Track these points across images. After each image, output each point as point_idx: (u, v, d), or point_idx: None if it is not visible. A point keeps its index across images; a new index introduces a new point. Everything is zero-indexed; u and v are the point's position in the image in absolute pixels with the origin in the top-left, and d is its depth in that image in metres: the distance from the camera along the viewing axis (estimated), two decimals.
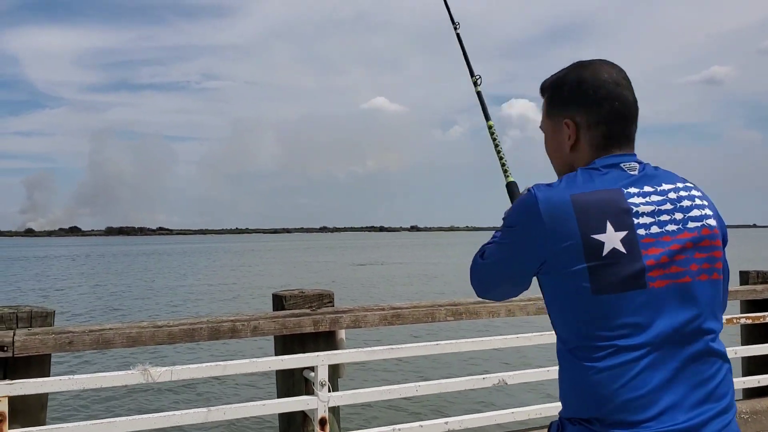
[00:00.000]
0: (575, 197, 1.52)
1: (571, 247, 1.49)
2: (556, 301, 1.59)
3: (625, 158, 1.62)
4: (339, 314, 4.21)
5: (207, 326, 3.86)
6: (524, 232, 1.59)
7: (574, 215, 1.50)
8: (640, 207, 1.53)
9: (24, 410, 3.54)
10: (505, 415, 4.44)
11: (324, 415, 3.91)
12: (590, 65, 1.68)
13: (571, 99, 1.68)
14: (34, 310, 3.73)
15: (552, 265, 1.54)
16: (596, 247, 1.48)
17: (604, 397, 1.46)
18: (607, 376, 1.46)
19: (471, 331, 11.12)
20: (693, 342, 1.50)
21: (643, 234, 1.50)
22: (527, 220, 1.57)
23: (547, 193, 1.56)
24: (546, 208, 1.53)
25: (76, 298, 27.06)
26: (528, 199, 1.58)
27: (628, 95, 1.65)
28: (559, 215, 1.51)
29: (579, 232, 1.49)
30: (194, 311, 21.62)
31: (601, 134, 1.64)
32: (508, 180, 2.39)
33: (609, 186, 1.55)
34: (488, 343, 4.53)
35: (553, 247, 1.52)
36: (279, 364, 4.03)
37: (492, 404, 7.89)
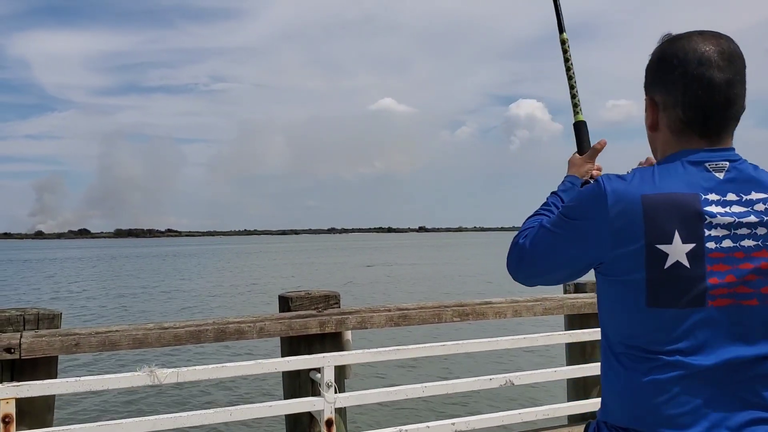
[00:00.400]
0: (646, 198, 1.40)
1: (633, 253, 1.40)
2: (609, 304, 1.51)
3: (712, 155, 1.45)
4: (345, 315, 4.21)
5: (213, 328, 3.87)
6: (587, 226, 1.47)
7: (642, 219, 1.39)
8: (717, 218, 1.39)
9: (31, 412, 3.55)
10: (513, 416, 4.43)
11: (330, 416, 3.91)
12: (680, 39, 1.48)
13: (651, 76, 1.54)
14: (41, 312, 3.75)
15: (610, 268, 1.46)
16: (659, 257, 1.38)
17: (646, 409, 1.40)
18: (653, 389, 1.40)
19: (478, 332, 11.10)
20: (750, 366, 1.40)
21: (713, 248, 1.38)
22: (593, 214, 1.45)
23: (617, 187, 1.43)
24: (614, 204, 1.41)
25: (83, 300, 27.16)
26: (596, 189, 1.46)
27: (718, 76, 1.42)
28: (626, 215, 1.40)
29: (644, 238, 1.39)
30: (201, 313, 21.66)
31: (678, 118, 1.47)
32: (577, 118, 2.07)
33: (686, 189, 1.41)
34: (495, 344, 4.51)
35: (614, 248, 1.42)
36: (285, 366, 4.03)
37: (499, 405, 7.87)
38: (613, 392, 1.49)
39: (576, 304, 4.85)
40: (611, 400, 1.50)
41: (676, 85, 1.46)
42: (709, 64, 1.42)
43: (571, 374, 4.84)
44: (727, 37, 1.47)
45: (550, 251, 1.56)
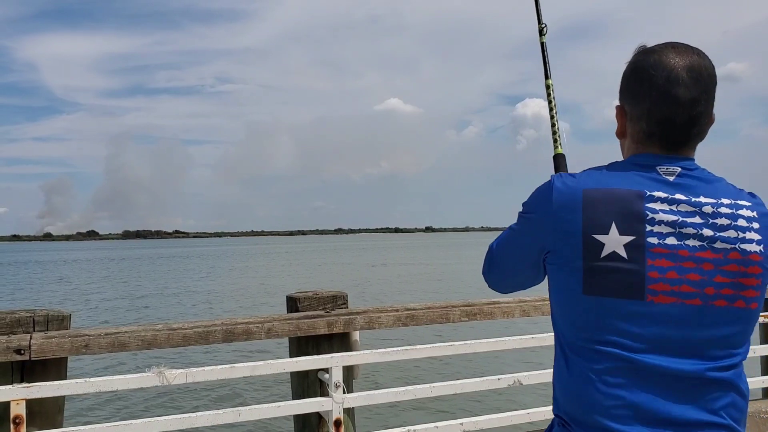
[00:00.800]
0: (587, 192, 1.46)
1: (572, 243, 1.45)
2: (554, 293, 1.55)
3: (665, 161, 1.50)
4: (353, 316, 4.21)
5: (221, 328, 3.88)
6: (536, 218, 1.55)
7: (581, 210, 1.45)
8: (659, 214, 1.43)
9: (41, 413, 3.57)
10: (521, 416, 4.42)
11: (339, 417, 3.91)
12: (653, 52, 1.52)
13: (624, 85, 1.58)
14: (51, 313, 3.76)
15: (554, 256, 1.51)
16: (595, 246, 1.42)
17: (583, 398, 1.43)
18: (589, 378, 1.43)
19: (485, 332, 11.08)
20: (687, 367, 1.41)
21: (655, 243, 1.41)
22: (540, 207, 1.53)
23: (563, 183, 1.51)
24: (558, 197, 1.49)
25: (92, 302, 27.26)
26: (545, 185, 1.55)
27: (684, 94, 1.45)
28: (567, 207, 1.47)
29: (581, 229, 1.44)
30: (209, 313, 21.71)
31: (641, 130, 1.53)
32: (556, 151, 2.24)
33: (630, 186, 1.46)
34: (503, 344, 4.51)
35: (556, 238, 1.48)
36: (293, 366, 4.04)
37: (507, 405, 7.86)
38: (558, 382, 1.53)
39: None
40: (557, 390, 1.53)
41: (643, 99, 1.50)
42: (677, 81, 1.46)
43: None
44: (699, 52, 1.50)
45: (510, 247, 1.66)
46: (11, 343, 3.43)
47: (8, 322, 3.59)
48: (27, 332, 3.59)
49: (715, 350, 1.42)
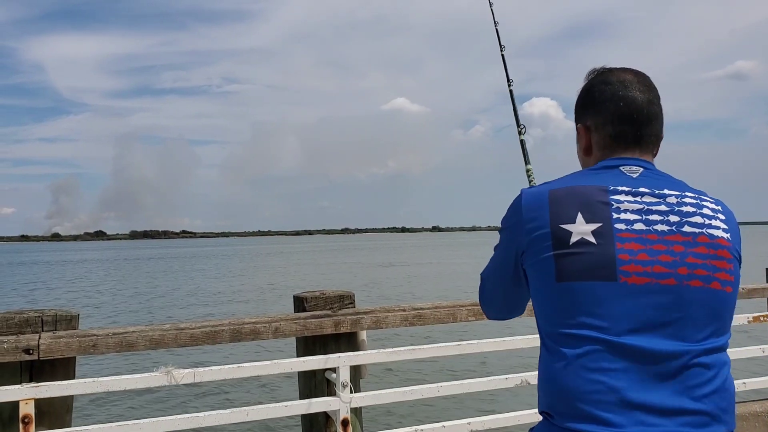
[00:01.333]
0: (553, 191, 1.54)
1: (542, 236, 1.51)
2: (532, 294, 1.59)
3: (628, 161, 1.60)
4: (360, 315, 4.21)
5: (229, 328, 3.88)
6: (510, 227, 1.62)
7: (548, 207, 1.52)
8: (624, 204, 1.49)
9: (50, 412, 3.58)
10: (529, 416, 4.41)
11: (346, 416, 3.91)
12: (602, 71, 1.69)
13: (581, 105, 1.71)
14: (59, 313, 3.78)
15: (528, 255, 1.55)
16: (563, 235, 1.48)
17: (564, 387, 1.44)
18: (570, 365, 1.43)
19: (493, 331, 11.07)
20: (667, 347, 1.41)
21: (623, 228, 1.47)
22: (512, 216, 1.61)
23: (531, 191, 1.60)
24: (526, 202, 1.57)
25: (100, 302, 27.36)
26: (515, 200, 1.63)
27: (637, 96, 1.61)
28: (535, 208, 1.54)
29: (549, 221, 1.50)
30: (216, 313, 21.77)
31: (607, 135, 1.63)
32: None
33: (594, 183, 1.54)
34: (510, 344, 4.50)
35: (527, 236, 1.54)
36: (301, 366, 4.04)
37: (515, 405, 7.85)
38: (540, 380, 1.54)
39: None
40: (540, 388, 1.54)
41: (605, 106, 1.63)
42: (632, 86, 1.62)
43: None
44: (643, 72, 1.67)
45: (494, 266, 1.73)
46: (20, 343, 3.45)
47: (17, 322, 3.61)
48: (36, 332, 3.61)
49: (695, 332, 1.44)
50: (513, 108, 2.97)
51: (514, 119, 2.89)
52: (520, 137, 2.78)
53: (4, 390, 3.36)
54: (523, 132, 2.80)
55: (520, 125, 2.83)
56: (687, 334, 1.43)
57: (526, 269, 1.59)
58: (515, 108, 2.97)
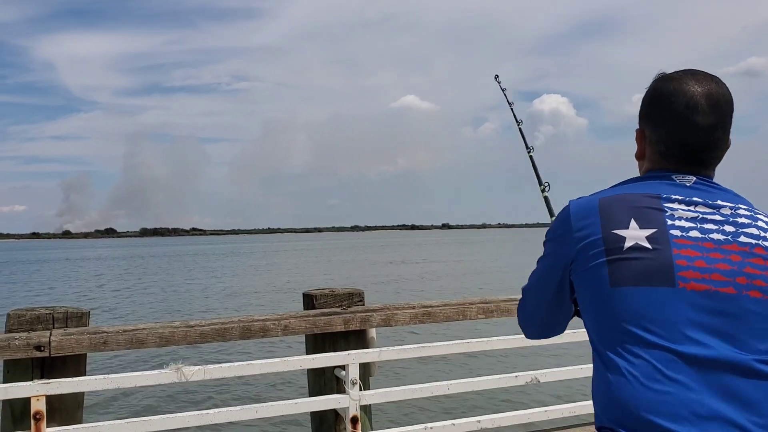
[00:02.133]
0: (603, 199, 1.50)
1: (592, 243, 1.46)
2: (584, 298, 1.52)
3: (682, 172, 1.52)
4: (369, 313, 4.21)
5: (238, 326, 3.89)
6: (557, 237, 1.57)
7: (599, 214, 1.48)
8: (678, 211, 1.45)
9: (61, 409, 3.60)
10: (539, 414, 4.40)
11: (355, 414, 3.92)
12: (672, 79, 1.56)
13: (643, 111, 1.62)
14: (70, 310, 3.79)
15: (577, 264, 1.50)
16: (616, 241, 1.43)
17: (629, 400, 1.36)
18: (632, 375, 1.36)
19: (503, 329, 11.05)
20: (730, 355, 1.35)
21: (678, 235, 1.41)
22: (560, 227, 1.56)
23: (579, 201, 1.56)
24: (575, 213, 1.53)
25: (110, 299, 27.49)
26: (562, 211, 1.59)
27: (702, 121, 1.49)
28: (584, 216, 1.50)
29: (600, 228, 1.46)
30: (226, 311, 21.83)
31: (659, 152, 1.56)
32: None
33: (645, 191, 1.49)
34: (520, 341, 4.48)
35: (576, 245, 1.49)
36: (310, 363, 4.04)
37: (525, 403, 7.83)
38: (598, 392, 1.46)
39: None
40: (597, 402, 1.47)
41: (662, 124, 1.54)
42: (695, 108, 1.49)
43: None
44: (717, 80, 1.54)
45: (538, 278, 1.66)
46: (31, 340, 3.47)
47: (28, 319, 3.63)
48: (47, 329, 3.63)
49: (757, 342, 1.37)
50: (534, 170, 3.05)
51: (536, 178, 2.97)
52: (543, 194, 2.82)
53: (16, 386, 3.39)
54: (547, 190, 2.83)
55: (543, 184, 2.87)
56: (749, 343, 1.36)
57: (574, 280, 1.53)
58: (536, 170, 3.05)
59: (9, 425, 3.54)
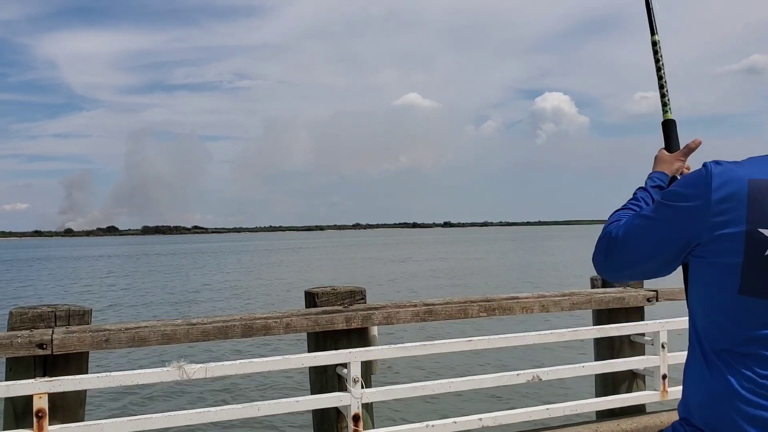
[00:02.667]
0: (754, 182, 1.29)
1: (733, 236, 1.29)
2: (700, 289, 1.40)
3: None
4: (371, 311, 4.21)
5: (240, 324, 3.89)
6: (688, 207, 1.37)
7: (747, 201, 1.28)
8: None
9: (63, 406, 3.60)
10: (540, 412, 4.40)
11: (357, 412, 3.92)
12: None
13: None
14: (72, 308, 3.80)
15: (706, 249, 1.35)
16: (761, 242, 1.26)
17: (728, 408, 1.29)
18: (739, 386, 1.28)
19: (504, 328, 11.04)
20: None
21: None
22: (695, 193, 1.36)
23: (725, 169, 1.34)
24: (719, 186, 1.32)
25: (112, 297, 27.51)
26: (702, 171, 1.38)
27: None
28: (731, 197, 1.30)
29: (746, 222, 1.28)
30: (228, 309, 21.84)
31: None
32: (666, 117, 1.96)
33: None
34: (522, 339, 4.49)
35: (714, 229, 1.32)
36: (312, 361, 4.05)
37: (526, 401, 7.83)
38: (693, 387, 1.39)
39: (604, 299, 4.81)
40: (691, 397, 1.39)
41: None
42: None
43: (600, 370, 4.80)
44: None
45: (647, 237, 1.46)
46: (33, 338, 3.47)
47: (30, 317, 3.64)
48: (49, 327, 3.63)
49: None
50: None
51: None
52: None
53: (19, 384, 3.39)
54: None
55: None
56: None
57: (695, 261, 1.39)
58: None
59: (11, 423, 3.54)
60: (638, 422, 4.57)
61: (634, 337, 4.91)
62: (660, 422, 4.44)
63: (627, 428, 4.50)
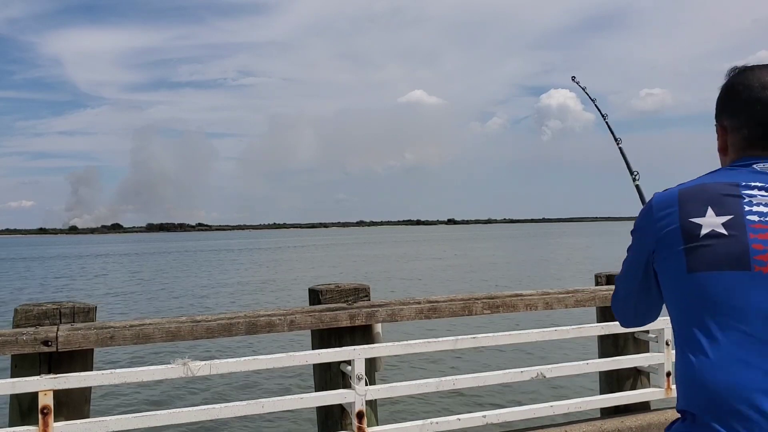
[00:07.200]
0: (683, 191, 1.55)
1: (671, 232, 1.51)
2: (664, 288, 1.58)
3: (763, 159, 1.56)
4: (375, 308, 4.21)
5: (244, 321, 3.90)
6: (641, 229, 1.64)
7: (677, 203, 1.53)
8: (757, 197, 1.48)
9: (68, 403, 3.62)
10: (544, 409, 4.40)
11: (361, 409, 3.93)
12: (745, 70, 1.65)
13: (720, 105, 1.69)
14: (77, 305, 3.81)
15: (658, 252, 1.56)
16: (693, 228, 1.48)
17: (708, 384, 1.39)
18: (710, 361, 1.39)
19: (509, 325, 11.04)
20: None
21: (756, 220, 1.44)
22: (643, 219, 1.63)
23: (660, 194, 1.62)
24: (656, 204, 1.59)
25: (117, 294, 27.57)
26: (646, 203, 1.65)
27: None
28: (665, 207, 1.56)
29: (678, 217, 1.51)
30: (232, 306, 21.87)
31: (742, 137, 1.61)
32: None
33: (725, 180, 1.53)
34: (526, 336, 4.49)
35: (657, 234, 1.55)
36: (316, 358, 4.05)
37: (530, 398, 7.83)
38: (678, 376, 1.51)
39: (608, 296, 4.80)
40: (678, 385, 1.51)
41: (742, 109, 1.61)
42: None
43: (604, 367, 4.80)
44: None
45: (626, 268, 1.73)
46: (39, 335, 3.48)
47: (35, 314, 3.65)
48: (54, 324, 3.64)
49: None
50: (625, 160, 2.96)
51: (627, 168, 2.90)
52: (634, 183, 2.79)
53: (24, 381, 3.41)
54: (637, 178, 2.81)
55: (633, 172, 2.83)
56: None
57: (656, 268, 1.59)
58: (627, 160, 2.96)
59: (17, 419, 3.56)
60: (642, 419, 4.57)
61: (639, 335, 4.90)
62: (664, 419, 4.44)
63: (631, 425, 4.50)
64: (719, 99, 1.69)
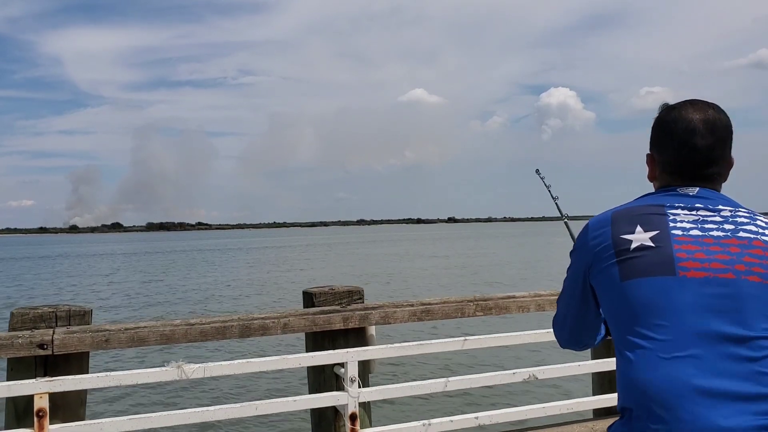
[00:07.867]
0: (615, 213, 1.70)
1: (605, 248, 1.65)
2: (601, 300, 1.71)
3: (686, 185, 1.70)
4: (368, 311, 4.25)
5: (238, 324, 3.94)
6: (578, 250, 1.78)
7: (610, 223, 1.68)
8: (681, 215, 1.63)
9: (64, 406, 3.65)
10: (536, 410, 4.44)
11: (354, 411, 3.96)
12: (674, 109, 1.76)
13: (652, 137, 1.81)
14: (73, 308, 3.84)
15: (594, 268, 1.69)
16: (624, 243, 1.62)
17: (640, 382, 1.50)
18: (640, 360, 1.51)
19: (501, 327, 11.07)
20: (734, 337, 1.47)
21: (679, 233, 1.59)
22: (580, 241, 1.77)
23: (595, 218, 1.77)
24: (591, 226, 1.74)
25: (112, 296, 27.55)
26: (582, 228, 1.79)
27: (699, 143, 1.68)
28: (598, 227, 1.71)
29: (611, 235, 1.65)
30: (226, 308, 21.84)
31: (667, 172, 1.75)
32: None
33: (652, 202, 1.69)
34: (518, 338, 4.52)
35: (592, 251, 1.69)
36: (309, 361, 4.09)
37: (523, 399, 7.86)
38: (618, 378, 1.61)
39: None
40: (617, 387, 1.61)
41: (667, 147, 1.75)
42: (694, 132, 1.69)
43: (596, 368, 4.83)
44: (715, 106, 1.74)
45: (565, 289, 1.86)
46: (34, 338, 3.52)
47: (31, 317, 3.68)
48: (50, 327, 3.68)
49: (756, 322, 1.49)
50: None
51: None
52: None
53: (20, 384, 3.44)
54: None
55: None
56: (749, 322, 1.49)
57: (593, 282, 1.72)
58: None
59: (13, 422, 3.59)
60: None
61: None
62: None
63: None
64: (652, 131, 1.82)
